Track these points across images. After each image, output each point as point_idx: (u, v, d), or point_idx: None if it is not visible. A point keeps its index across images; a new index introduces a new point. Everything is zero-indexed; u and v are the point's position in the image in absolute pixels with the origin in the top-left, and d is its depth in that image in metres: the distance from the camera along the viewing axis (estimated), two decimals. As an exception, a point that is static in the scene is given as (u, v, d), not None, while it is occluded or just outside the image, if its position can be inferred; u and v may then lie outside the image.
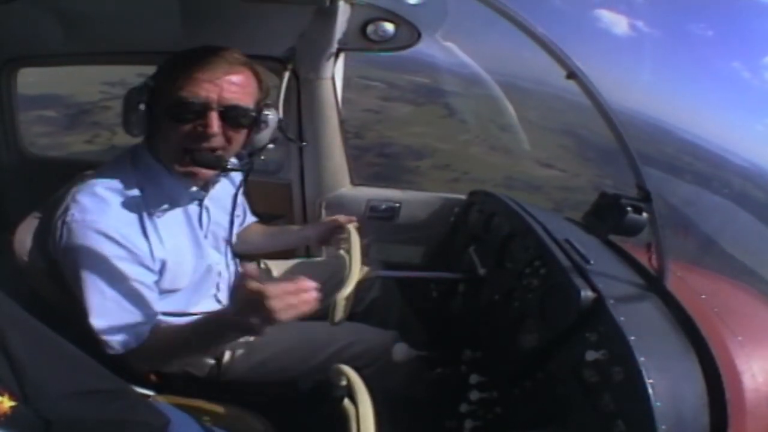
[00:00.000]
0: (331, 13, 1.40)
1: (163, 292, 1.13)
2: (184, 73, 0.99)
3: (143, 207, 1.05)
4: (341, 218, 1.42)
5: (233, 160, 1.18)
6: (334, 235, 1.44)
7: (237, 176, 1.27)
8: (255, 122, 1.09)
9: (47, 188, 1.21)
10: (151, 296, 1.07)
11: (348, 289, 1.09)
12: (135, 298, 1.04)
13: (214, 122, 1.00)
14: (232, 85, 1.01)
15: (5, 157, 1.85)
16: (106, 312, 1.02)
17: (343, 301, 1.08)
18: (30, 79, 1.79)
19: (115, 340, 1.03)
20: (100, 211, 1.00)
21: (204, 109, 0.99)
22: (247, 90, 1.05)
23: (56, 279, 1.09)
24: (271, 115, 1.12)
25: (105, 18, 1.41)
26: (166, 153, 1.06)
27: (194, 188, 1.14)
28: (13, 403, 0.54)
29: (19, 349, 0.58)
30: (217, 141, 1.02)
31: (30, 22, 1.42)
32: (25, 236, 1.14)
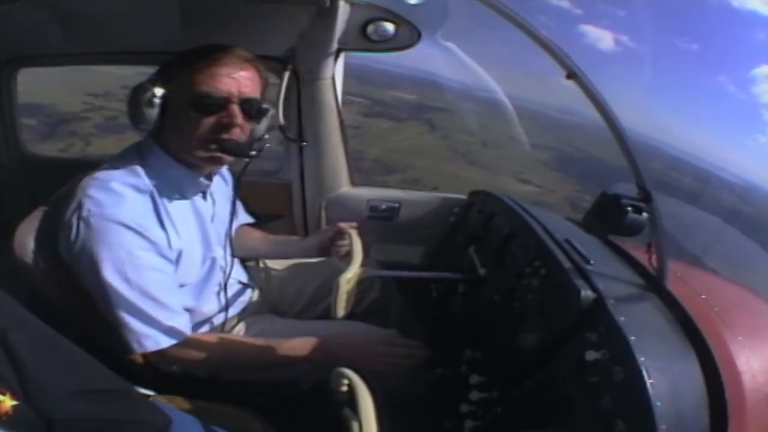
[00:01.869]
0: (331, 13, 1.40)
1: (179, 287, 1.14)
2: (203, 69, 1.04)
3: (156, 198, 1.07)
4: (342, 225, 1.43)
5: None
6: (334, 242, 1.44)
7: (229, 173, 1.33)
8: (261, 114, 1.14)
9: (47, 188, 1.21)
10: (175, 289, 1.09)
11: (350, 273, 1.10)
12: (162, 290, 1.05)
13: (238, 114, 1.06)
14: (246, 79, 1.08)
15: (5, 157, 1.85)
16: (133, 306, 1.02)
17: (345, 285, 1.08)
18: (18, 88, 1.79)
19: (145, 337, 1.04)
20: (117, 203, 1.01)
21: (226, 102, 1.05)
22: (256, 84, 1.11)
23: (57, 279, 1.09)
24: (270, 108, 1.18)
25: (105, 18, 1.40)
26: (185, 144, 1.09)
27: (203, 180, 1.17)
28: (14, 402, 0.54)
29: (21, 349, 0.58)
30: (237, 132, 1.08)
31: (30, 22, 1.41)
32: (25, 236, 1.14)
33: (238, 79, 1.05)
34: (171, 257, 1.08)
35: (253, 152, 1.10)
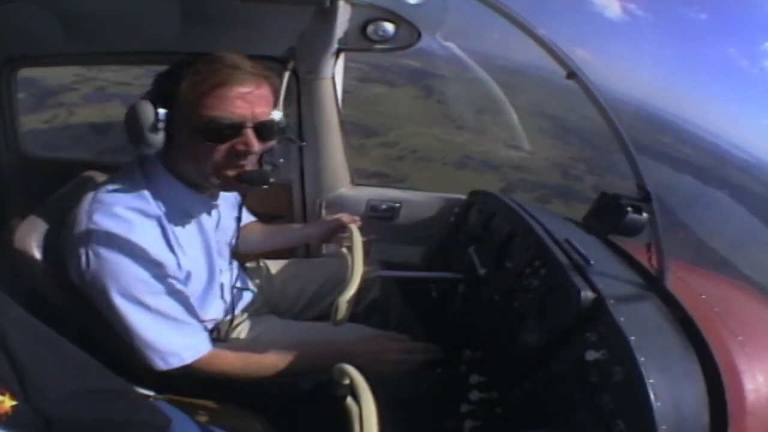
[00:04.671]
0: (331, 13, 1.40)
1: None
2: (212, 90, 0.95)
3: (164, 223, 1.04)
4: (344, 217, 1.43)
5: None
6: (336, 234, 1.45)
7: None
8: (276, 134, 1.08)
9: (47, 188, 1.21)
10: (191, 306, 1.09)
11: (351, 291, 1.09)
12: (182, 310, 1.06)
13: (254, 140, 0.98)
14: (261, 99, 1.00)
15: (5, 157, 1.84)
16: (154, 328, 1.02)
17: (345, 303, 1.08)
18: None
19: (170, 355, 1.04)
20: (126, 231, 0.98)
21: (240, 127, 0.97)
22: (269, 102, 1.03)
23: (56, 279, 1.09)
24: (280, 118, 1.11)
25: (105, 18, 1.40)
26: (197, 172, 1.04)
27: (211, 201, 1.16)
28: (14, 403, 0.54)
29: (20, 349, 0.58)
30: (254, 159, 1.03)
31: (30, 22, 1.41)
32: (25, 236, 1.14)
33: (252, 101, 0.97)
34: (181, 277, 1.08)
35: (272, 180, 1.04)
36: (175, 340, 1.05)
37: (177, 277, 1.06)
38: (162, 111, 0.97)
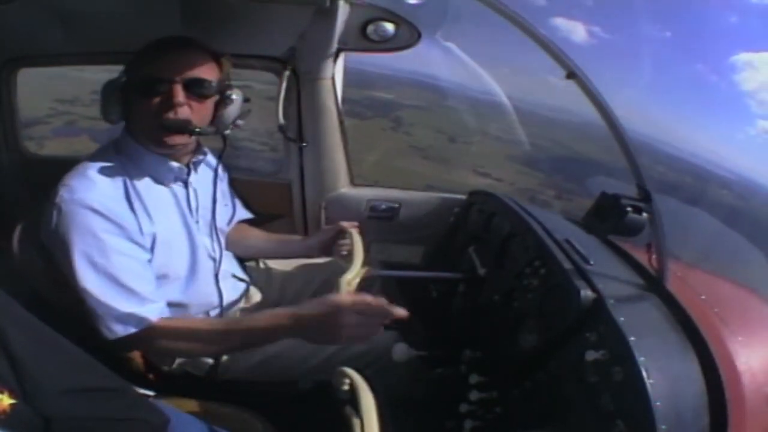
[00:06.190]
0: (331, 13, 1.40)
1: (160, 277, 1.13)
2: (151, 56, 1.09)
3: (129, 185, 1.09)
4: (343, 224, 1.43)
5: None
6: (336, 241, 1.45)
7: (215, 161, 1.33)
8: (220, 97, 1.16)
9: (47, 188, 1.21)
10: (147, 275, 1.08)
11: (351, 274, 1.10)
12: (129, 275, 1.05)
13: (179, 93, 1.07)
14: (193, 62, 1.10)
15: (5, 157, 1.85)
16: (100, 291, 1.02)
17: (346, 287, 1.08)
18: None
19: (113, 323, 1.03)
20: (87, 188, 1.03)
21: (169, 82, 1.07)
22: (206, 67, 1.12)
23: (56, 278, 1.09)
24: (236, 96, 1.18)
25: (105, 18, 1.41)
26: (142, 130, 1.12)
27: (176, 165, 1.17)
28: (12, 401, 0.54)
29: (19, 347, 0.58)
30: (184, 111, 1.08)
31: (30, 22, 1.42)
32: (25, 236, 1.14)
33: (182, 61, 1.08)
34: (143, 242, 1.08)
35: (197, 129, 1.09)
36: (119, 308, 1.03)
37: (136, 241, 1.07)
38: (120, 81, 1.10)
